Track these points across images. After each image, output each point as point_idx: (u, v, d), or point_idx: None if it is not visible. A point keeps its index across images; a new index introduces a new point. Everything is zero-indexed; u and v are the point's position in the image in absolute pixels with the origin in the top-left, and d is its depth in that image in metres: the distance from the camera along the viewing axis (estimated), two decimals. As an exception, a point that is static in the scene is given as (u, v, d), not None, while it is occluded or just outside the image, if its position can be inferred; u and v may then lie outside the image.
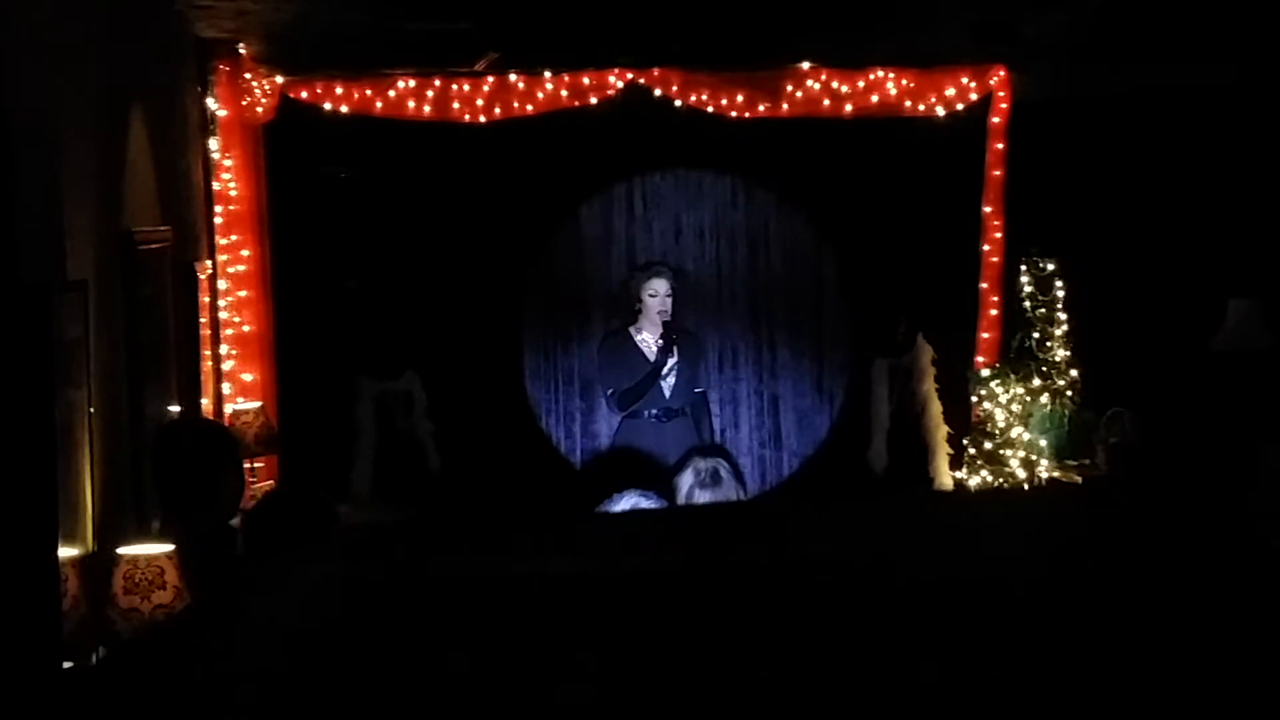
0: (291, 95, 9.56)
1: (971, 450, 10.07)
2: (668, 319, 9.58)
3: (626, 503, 5.84)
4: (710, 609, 2.18)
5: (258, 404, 8.69)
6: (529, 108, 9.71)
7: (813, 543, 2.50)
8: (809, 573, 2.31)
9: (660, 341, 9.54)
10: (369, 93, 9.59)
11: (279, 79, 9.47)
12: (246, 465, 7.69)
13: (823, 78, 9.85)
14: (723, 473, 6.47)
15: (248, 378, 8.95)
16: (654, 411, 9.58)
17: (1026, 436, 9.86)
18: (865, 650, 2.09)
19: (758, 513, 3.56)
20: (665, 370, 9.60)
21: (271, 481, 8.71)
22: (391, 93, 9.59)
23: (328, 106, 9.60)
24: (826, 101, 9.87)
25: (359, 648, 2.10)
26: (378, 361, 10.19)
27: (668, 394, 9.62)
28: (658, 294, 9.60)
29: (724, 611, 2.18)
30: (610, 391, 9.73)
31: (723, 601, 2.20)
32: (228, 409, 8.62)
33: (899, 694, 2.01)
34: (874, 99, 9.92)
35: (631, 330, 9.70)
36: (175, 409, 7.20)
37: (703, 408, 10.00)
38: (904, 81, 9.94)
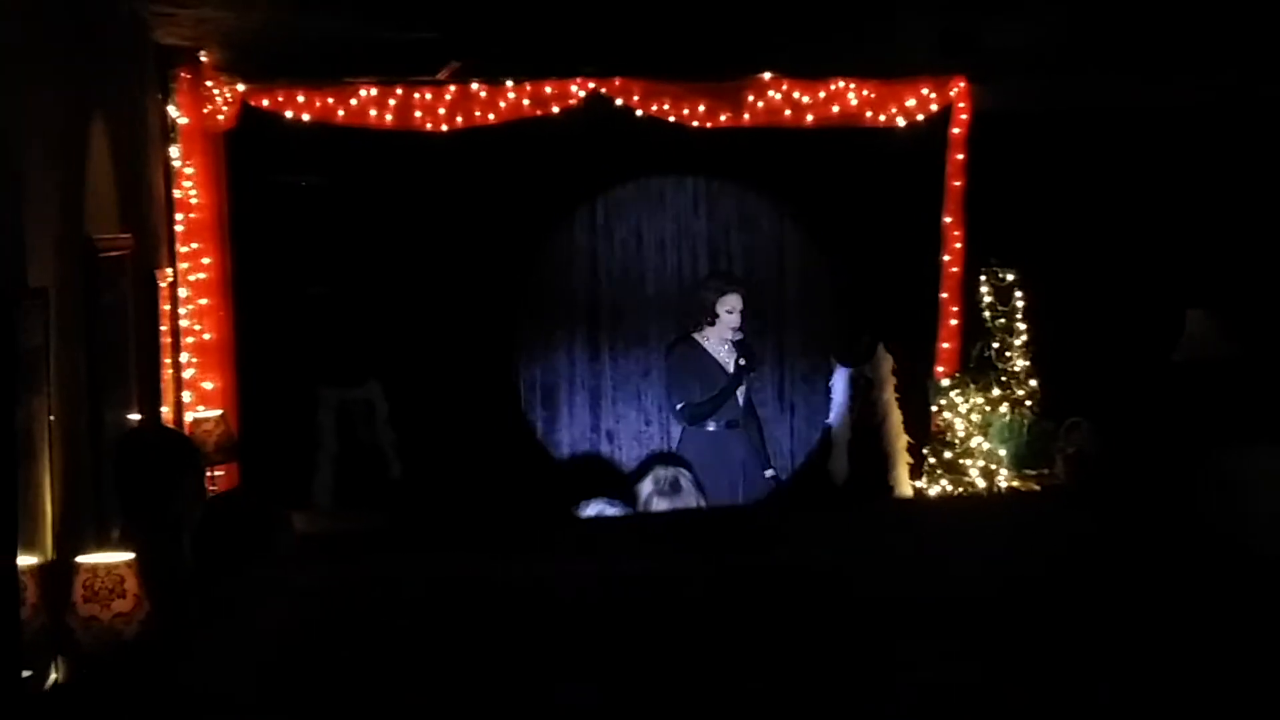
0: (253, 103, 9.53)
1: (931, 459, 10.12)
2: (739, 336, 9.52)
3: (593, 510, 5.86)
4: (699, 614, 2.19)
5: (218, 412, 8.67)
6: (491, 117, 9.71)
7: (805, 548, 2.51)
8: (798, 578, 2.32)
9: (742, 360, 9.46)
10: (330, 101, 9.57)
11: (240, 87, 9.46)
12: (207, 474, 7.67)
13: (784, 88, 9.88)
14: (683, 481, 6.49)
15: (208, 386, 8.93)
16: (722, 423, 9.53)
17: (986, 446, 9.91)
18: (857, 653, 2.10)
19: (747, 519, 3.57)
20: (743, 383, 9.56)
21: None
22: (353, 101, 9.58)
23: (289, 114, 9.57)
24: (788, 112, 9.89)
25: (347, 653, 2.10)
26: (339, 370, 10.18)
27: (740, 403, 9.59)
28: (734, 310, 9.54)
29: (711, 617, 2.18)
30: (681, 405, 9.61)
31: (711, 606, 2.21)
32: (188, 417, 8.59)
33: (891, 697, 2.02)
34: (835, 109, 9.95)
35: (698, 339, 9.62)
36: (135, 417, 7.18)
37: (750, 416, 9.91)
38: (865, 92, 9.97)
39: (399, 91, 9.62)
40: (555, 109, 9.74)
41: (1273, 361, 10.15)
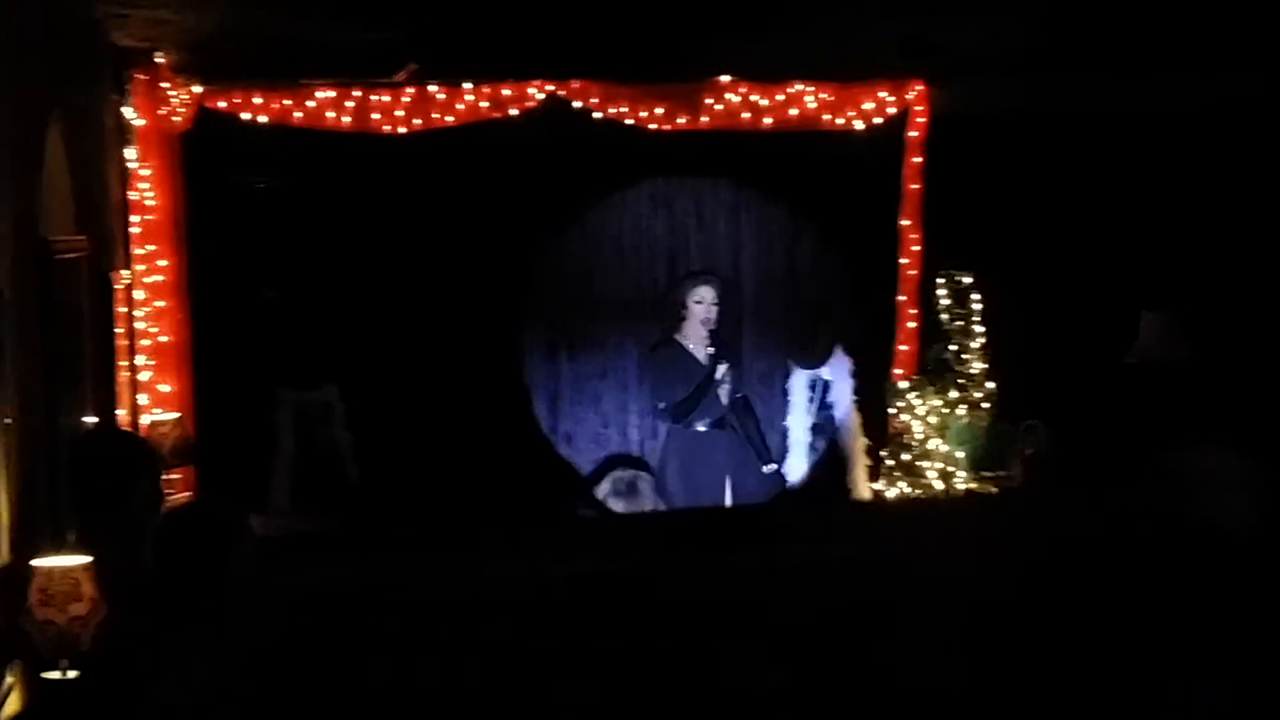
0: (209, 105, 9.48)
1: (889, 461, 10.12)
2: (713, 327, 9.50)
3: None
4: (697, 609, 2.20)
5: (175, 415, 8.62)
6: (449, 119, 9.69)
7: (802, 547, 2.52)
8: (793, 576, 2.33)
9: (712, 349, 9.45)
10: (288, 103, 9.53)
11: (196, 88, 9.41)
12: (164, 477, 7.62)
13: (742, 90, 9.89)
14: (640, 484, 6.51)
15: (165, 389, 8.88)
16: (707, 421, 9.51)
17: (944, 448, 9.92)
18: (853, 648, 2.11)
19: (747, 517, 3.59)
20: (719, 377, 9.53)
21: (189, 493, 8.63)
22: (310, 103, 9.54)
23: (246, 116, 9.53)
24: (746, 114, 9.91)
25: (344, 652, 2.09)
26: (296, 372, 10.13)
27: (724, 400, 9.57)
28: (704, 301, 9.53)
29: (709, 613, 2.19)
30: (663, 405, 9.58)
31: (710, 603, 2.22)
32: (144, 420, 8.55)
33: (890, 691, 2.03)
34: (793, 112, 9.97)
35: (678, 339, 9.61)
36: (91, 420, 7.14)
37: (746, 413, 9.87)
38: (822, 95, 9.99)
39: (356, 93, 9.59)
40: (513, 111, 9.72)
41: (1226, 364, 10.21)
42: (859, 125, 10.04)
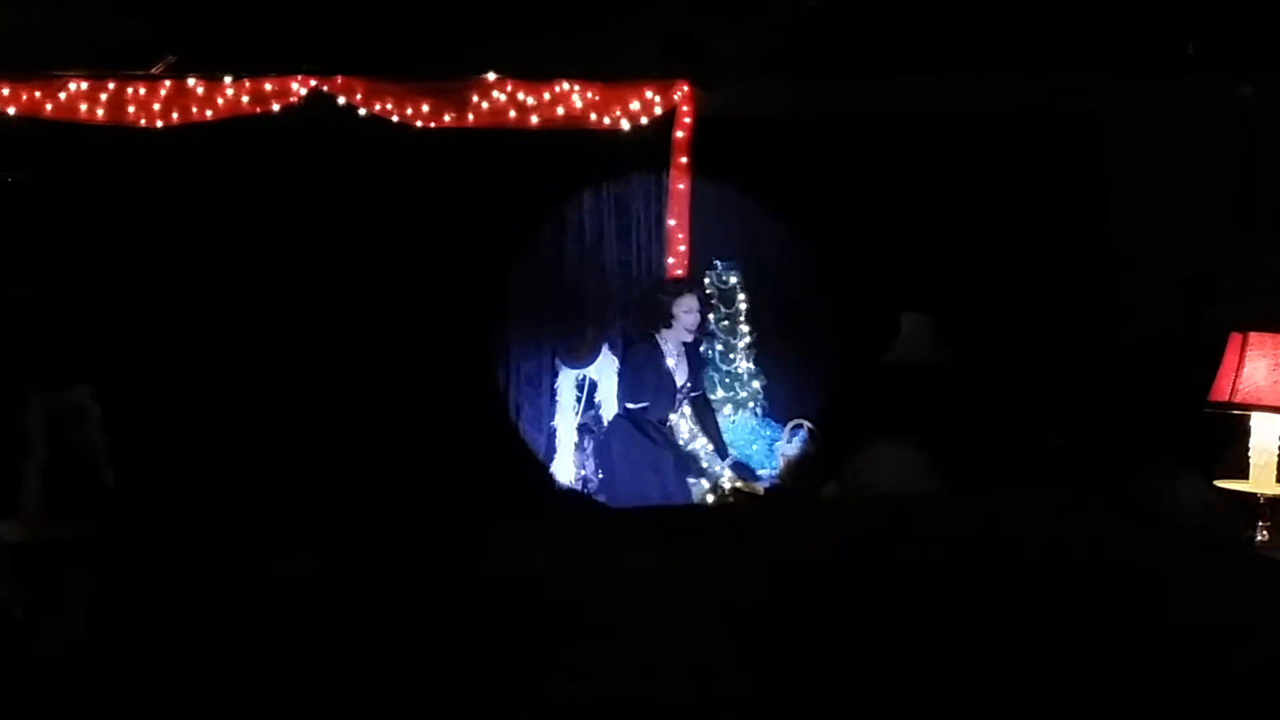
0: (-45, 95, 9.18)
1: (656, 460, 10.14)
2: (693, 338, 9.36)
3: None
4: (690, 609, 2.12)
5: (-83, 418, 8.32)
6: (208, 113, 9.49)
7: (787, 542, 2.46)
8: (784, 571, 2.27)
9: (689, 384, 9.31)
10: (38, 94, 9.25)
11: (-59, 78, 9.10)
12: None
13: (508, 89, 9.85)
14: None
15: (-94, 391, 8.58)
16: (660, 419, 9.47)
17: (710, 448, 9.96)
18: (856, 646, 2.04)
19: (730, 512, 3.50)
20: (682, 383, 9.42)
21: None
22: (63, 94, 9.28)
23: (-7, 108, 9.24)
24: (512, 113, 9.86)
25: (339, 648, 1.98)
26: (48, 373, 9.82)
27: (677, 404, 9.51)
28: (691, 310, 9.38)
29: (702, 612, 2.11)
30: (630, 405, 9.41)
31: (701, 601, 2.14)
32: (-115, 424, 8.25)
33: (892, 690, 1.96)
34: (560, 111, 9.95)
35: (659, 340, 9.44)
36: None
37: (705, 409, 9.71)
38: (589, 94, 9.99)
39: (111, 85, 9.34)
40: (275, 106, 9.56)
41: (984, 364, 10.42)
42: (625, 125, 10.05)
